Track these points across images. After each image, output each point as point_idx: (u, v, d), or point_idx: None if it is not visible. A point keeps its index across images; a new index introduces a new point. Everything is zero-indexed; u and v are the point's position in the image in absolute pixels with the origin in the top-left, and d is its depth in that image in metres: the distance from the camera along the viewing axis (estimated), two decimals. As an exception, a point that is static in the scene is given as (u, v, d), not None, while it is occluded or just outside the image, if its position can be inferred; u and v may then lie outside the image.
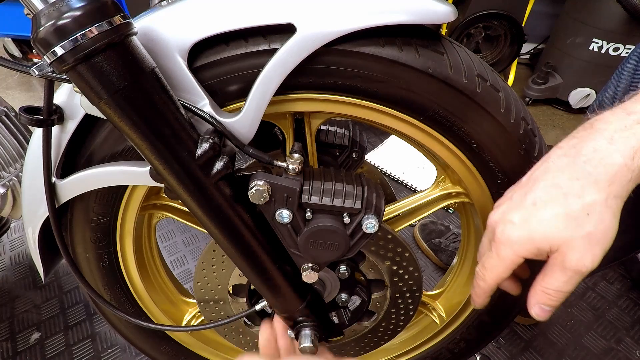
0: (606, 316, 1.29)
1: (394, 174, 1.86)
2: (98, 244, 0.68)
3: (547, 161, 0.48)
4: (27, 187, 0.60)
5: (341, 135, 0.88)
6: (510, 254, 0.47)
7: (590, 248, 0.43)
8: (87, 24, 0.39)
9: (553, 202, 0.44)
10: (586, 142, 0.45)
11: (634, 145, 0.42)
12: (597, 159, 0.43)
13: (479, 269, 0.52)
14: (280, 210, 0.54)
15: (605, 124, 0.45)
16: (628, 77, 0.80)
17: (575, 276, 0.44)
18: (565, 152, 0.46)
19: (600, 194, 0.42)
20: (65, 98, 0.53)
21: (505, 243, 0.47)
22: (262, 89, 0.50)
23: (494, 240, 0.49)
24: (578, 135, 0.47)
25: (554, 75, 2.30)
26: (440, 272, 1.44)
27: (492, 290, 0.52)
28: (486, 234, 0.52)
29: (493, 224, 0.50)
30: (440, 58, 0.53)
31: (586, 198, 0.43)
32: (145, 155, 0.48)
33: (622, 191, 0.43)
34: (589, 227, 0.43)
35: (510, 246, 0.47)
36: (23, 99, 2.40)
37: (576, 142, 0.46)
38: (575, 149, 0.45)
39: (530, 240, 0.45)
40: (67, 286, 1.36)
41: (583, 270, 0.43)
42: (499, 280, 0.50)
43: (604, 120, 0.45)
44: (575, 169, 0.44)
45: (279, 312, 0.69)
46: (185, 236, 1.53)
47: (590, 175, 0.43)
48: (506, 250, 0.47)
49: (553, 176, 0.46)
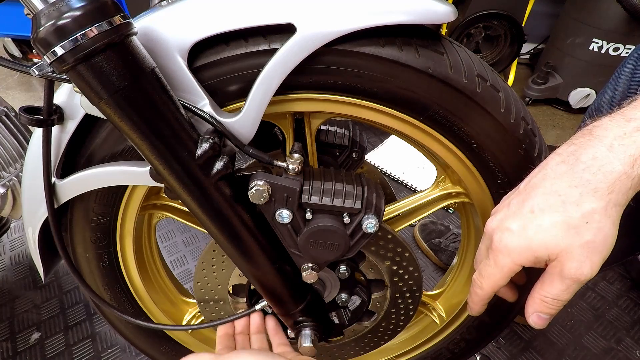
0: (606, 316, 1.29)
1: (394, 174, 1.86)
2: (98, 244, 0.68)
3: (545, 168, 0.47)
4: (27, 187, 0.60)
5: (341, 135, 0.88)
6: (508, 262, 0.46)
7: (589, 257, 0.42)
8: (87, 24, 0.39)
9: (551, 210, 0.44)
10: (585, 149, 0.44)
11: (634, 153, 0.41)
12: (596, 166, 0.43)
13: (476, 277, 0.51)
14: (280, 210, 0.54)
15: (604, 131, 0.44)
16: (626, 80, 0.80)
17: (573, 285, 0.44)
18: (563, 159, 0.46)
19: (600, 202, 0.42)
20: (65, 98, 0.53)
21: (503, 251, 0.47)
22: (262, 89, 0.50)
23: (492, 248, 0.48)
24: (576, 142, 0.46)
25: (554, 75, 2.30)
26: (440, 272, 1.44)
27: (489, 298, 0.52)
28: (483, 240, 0.52)
29: (490, 231, 0.49)
30: (440, 58, 0.53)
31: (585, 206, 0.42)
32: (145, 155, 0.48)
33: (622, 199, 0.42)
34: (587, 236, 0.42)
35: (508, 254, 0.46)
36: (23, 99, 2.40)
37: (575, 149, 0.45)
38: (573, 156, 0.45)
39: (528, 248, 0.45)
40: (67, 286, 1.36)
41: (582, 279, 0.43)
42: (496, 288, 0.50)
43: (602, 127, 0.45)
44: (574, 177, 0.44)
45: (279, 312, 0.69)
46: (185, 236, 1.53)
47: (589, 183, 0.42)
48: (504, 258, 0.47)
49: (551, 183, 0.45)
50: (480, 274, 0.50)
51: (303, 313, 0.68)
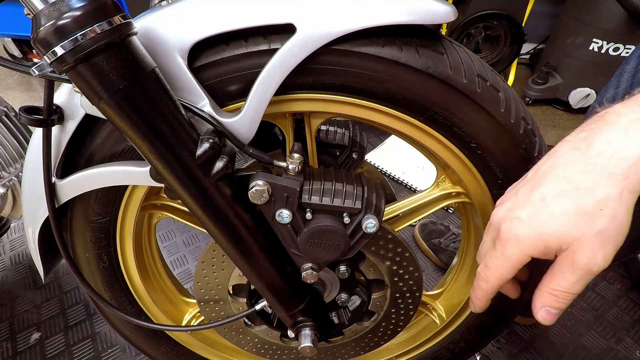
0: (606, 316, 1.29)
1: (394, 174, 1.86)
2: (98, 243, 0.68)
3: (555, 155, 0.45)
4: (27, 187, 0.60)
5: (341, 135, 0.88)
6: (516, 253, 0.45)
7: (602, 246, 0.41)
8: (87, 24, 0.39)
9: (563, 197, 0.42)
10: (598, 135, 0.42)
11: None
12: (610, 151, 0.41)
13: (481, 270, 0.49)
14: (280, 210, 0.54)
15: (618, 116, 0.42)
16: (628, 78, 0.80)
17: (585, 276, 0.42)
18: (574, 145, 0.44)
19: (614, 188, 0.40)
20: (65, 98, 0.53)
21: (512, 241, 0.45)
22: (262, 89, 0.50)
23: (499, 238, 0.46)
24: (587, 128, 0.44)
25: (554, 75, 2.30)
26: (440, 272, 1.44)
27: (494, 292, 0.50)
28: (489, 232, 0.50)
29: (497, 221, 0.47)
30: (440, 58, 0.53)
31: (599, 192, 0.40)
32: (145, 155, 0.48)
33: (637, 186, 0.40)
34: (602, 224, 0.40)
35: (517, 244, 0.44)
36: (23, 99, 2.40)
37: (587, 135, 0.43)
38: (586, 142, 0.43)
39: (539, 237, 0.43)
40: (67, 286, 1.36)
41: (594, 270, 0.41)
42: (502, 281, 0.48)
43: (615, 112, 0.43)
44: (586, 162, 0.42)
45: (279, 312, 0.69)
46: (185, 236, 1.53)
47: (603, 168, 0.40)
48: (513, 248, 0.45)
49: (563, 170, 0.43)
50: (486, 266, 0.48)
51: (303, 313, 0.68)
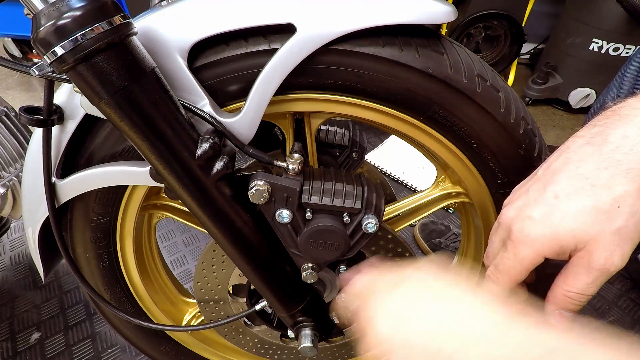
0: (606, 316, 1.29)
1: (394, 174, 1.85)
2: (98, 243, 0.68)
3: (567, 151, 0.43)
4: (27, 187, 0.60)
5: (341, 135, 0.88)
6: (530, 254, 0.42)
7: (620, 245, 0.39)
8: (87, 24, 0.39)
9: (578, 194, 0.40)
10: (613, 129, 0.40)
11: None
12: (627, 146, 0.39)
13: (491, 272, 0.47)
14: (280, 210, 0.54)
15: (634, 110, 0.40)
16: (631, 79, 0.79)
17: (601, 277, 0.40)
18: (588, 141, 0.42)
19: (633, 184, 0.38)
20: (65, 98, 0.53)
21: (525, 241, 0.42)
22: (262, 89, 0.50)
23: (511, 239, 0.44)
24: (600, 123, 0.42)
25: (554, 75, 2.29)
26: (440, 272, 1.43)
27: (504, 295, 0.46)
28: (498, 233, 0.47)
29: (508, 221, 0.45)
30: (440, 58, 0.53)
31: (617, 189, 0.39)
32: (145, 155, 0.49)
33: None
34: (619, 222, 0.38)
35: (530, 245, 0.42)
36: (23, 99, 2.40)
37: (600, 130, 0.41)
38: (600, 137, 0.41)
39: (553, 237, 0.41)
40: (67, 286, 1.36)
41: (611, 270, 0.39)
42: (514, 284, 0.45)
43: (630, 107, 0.41)
44: (602, 158, 0.40)
45: (279, 312, 0.69)
46: (185, 236, 1.53)
47: (620, 163, 0.39)
48: (526, 249, 0.43)
49: (576, 166, 0.41)
50: (497, 268, 0.46)
51: (303, 313, 0.68)
